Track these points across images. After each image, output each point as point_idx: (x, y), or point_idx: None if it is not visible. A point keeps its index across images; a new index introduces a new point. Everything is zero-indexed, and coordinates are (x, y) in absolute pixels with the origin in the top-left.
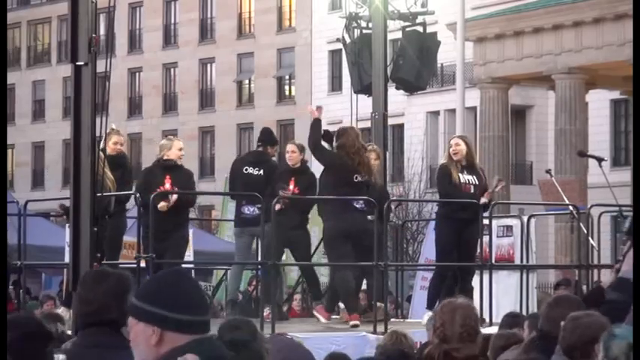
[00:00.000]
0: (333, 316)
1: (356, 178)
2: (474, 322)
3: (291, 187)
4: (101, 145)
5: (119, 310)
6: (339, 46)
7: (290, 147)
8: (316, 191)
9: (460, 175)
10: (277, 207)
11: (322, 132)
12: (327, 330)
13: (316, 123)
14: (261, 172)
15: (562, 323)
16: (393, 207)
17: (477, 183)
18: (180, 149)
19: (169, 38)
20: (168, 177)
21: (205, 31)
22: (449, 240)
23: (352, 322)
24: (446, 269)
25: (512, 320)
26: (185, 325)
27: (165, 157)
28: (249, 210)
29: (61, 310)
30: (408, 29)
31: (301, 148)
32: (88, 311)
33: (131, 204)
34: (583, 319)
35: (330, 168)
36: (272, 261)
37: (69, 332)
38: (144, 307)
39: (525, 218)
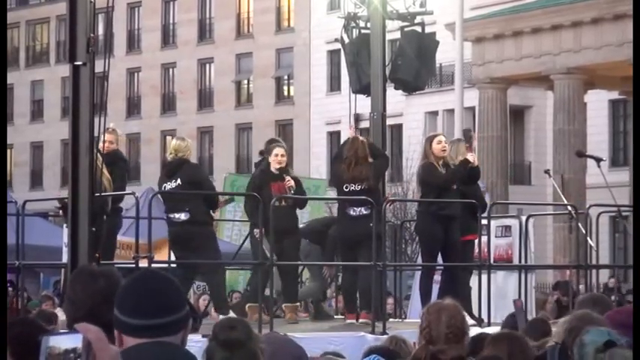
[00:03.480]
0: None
1: (346, 187)
2: (459, 323)
3: None
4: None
5: (110, 312)
6: (338, 46)
7: (280, 150)
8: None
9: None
10: None
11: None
12: (325, 330)
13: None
14: None
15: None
16: (389, 206)
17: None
18: None
19: (168, 38)
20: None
21: (204, 31)
22: (437, 238)
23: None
24: (432, 268)
25: (514, 321)
26: (132, 328)
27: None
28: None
29: (57, 311)
30: (406, 29)
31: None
32: (78, 316)
33: (129, 204)
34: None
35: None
36: (269, 261)
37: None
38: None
39: (524, 218)
